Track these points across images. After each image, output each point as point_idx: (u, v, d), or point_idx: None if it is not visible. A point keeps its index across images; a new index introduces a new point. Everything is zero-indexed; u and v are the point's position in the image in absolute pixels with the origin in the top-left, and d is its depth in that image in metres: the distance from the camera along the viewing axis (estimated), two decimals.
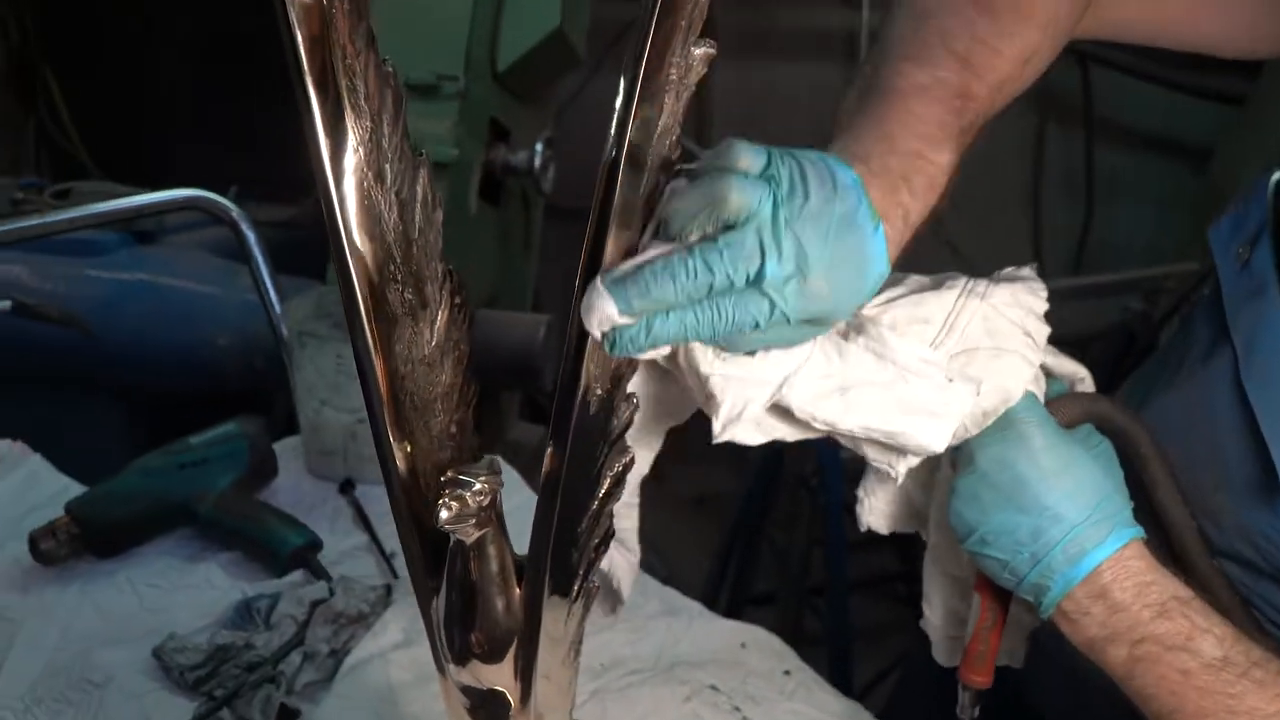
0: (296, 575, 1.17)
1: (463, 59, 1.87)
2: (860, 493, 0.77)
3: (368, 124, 0.55)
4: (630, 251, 0.58)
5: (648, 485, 0.79)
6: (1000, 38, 0.70)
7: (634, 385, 0.63)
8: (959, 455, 0.69)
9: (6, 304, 1.39)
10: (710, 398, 0.63)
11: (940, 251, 2.91)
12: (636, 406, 0.65)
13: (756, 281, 0.57)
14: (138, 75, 3.22)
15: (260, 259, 1.55)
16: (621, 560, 0.78)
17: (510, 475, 1.36)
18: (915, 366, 0.64)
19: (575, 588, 0.66)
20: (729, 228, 0.57)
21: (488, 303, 2.17)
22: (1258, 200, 0.78)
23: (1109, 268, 2.99)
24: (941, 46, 0.69)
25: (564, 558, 0.64)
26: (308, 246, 2.44)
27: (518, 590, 0.63)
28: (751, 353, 0.62)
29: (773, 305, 0.57)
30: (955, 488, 0.68)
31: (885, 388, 0.64)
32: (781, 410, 0.65)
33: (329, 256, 0.55)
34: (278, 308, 1.56)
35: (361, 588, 1.12)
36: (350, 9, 0.53)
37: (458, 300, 0.63)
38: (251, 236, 1.53)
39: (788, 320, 0.58)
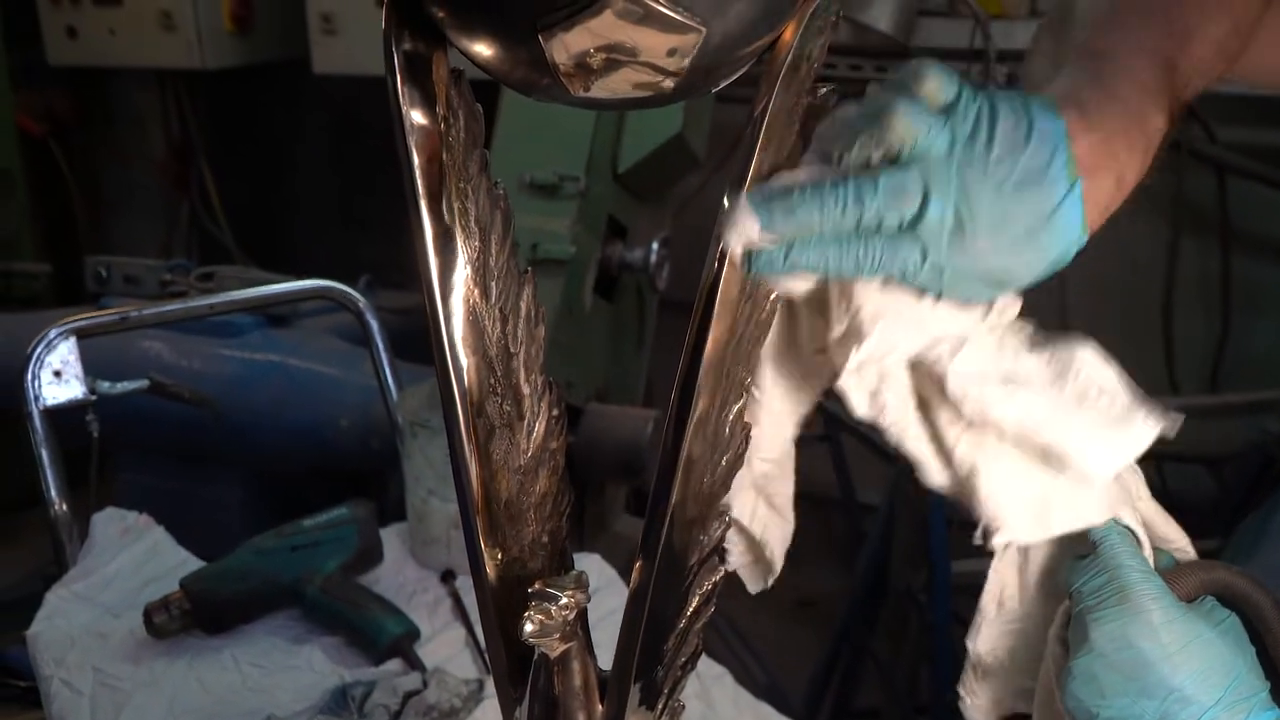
0: (393, 664, 1.18)
1: (585, 160, 1.93)
2: (961, 690, 0.71)
3: (476, 244, 0.57)
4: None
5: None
6: (1202, 17, 0.64)
7: (766, 344, 0.59)
8: (1072, 634, 0.64)
9: (144, 383, 1.47)
10: (855, 332, 0.56)
11: None
12: (729, 524, 0.65)
13: (911, 226, 0.51)
14: (282, 165, 3.43)
15: (381, 347, 1.61)
16: (775, 529, 0.72)
17: (608, 574, 1.36)
18: (1104, 388, 0.57)
19: (660, 705, 0.65)
20: (894, 161, 0.51)
21: (599, 397, 2.20)
22: None
23: (1245, 384, 2.85)
24: (1144, 16, 0.63)
25: (649, 675, 0.63)
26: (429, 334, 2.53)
27: (600, 706, 0.63)
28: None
29: (925, 255, 0.52)
30: (1071, 669, 0.61)
31: (1057, 404, 0.57)
32: (906, 387, 0.59)
33: None
34: (395, 395, 1.61)
35: (455, 681, 1.12)
36: (466, 136, 0.56)
37: (555, 412, 0.64)
38: (375, 325, 1.59)
39: (941, 274, 0.52)
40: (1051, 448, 0.57)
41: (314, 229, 3.45)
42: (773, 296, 0.60)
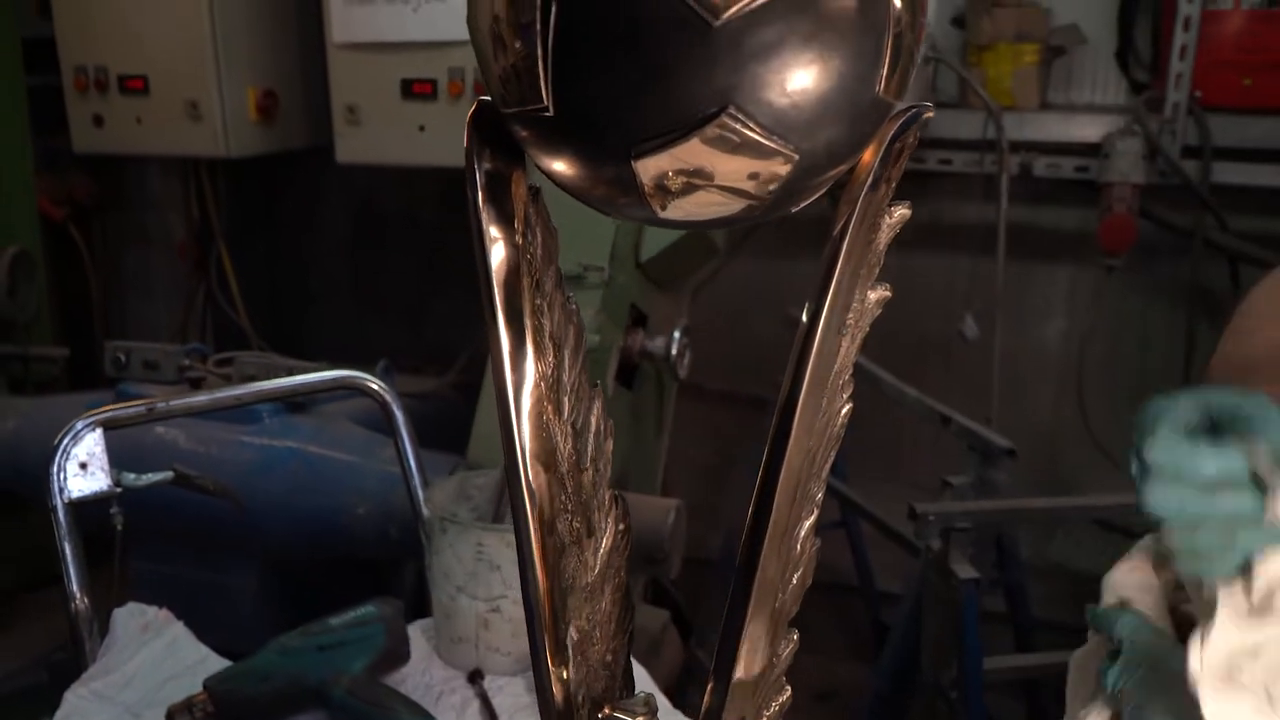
0: None
1: (608, 250, 1.94)
2: None
3: (551, 359, 0.56)
4: None
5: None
6: None
7: None
8: None
9: (169, 474, 1.46)
10: None
11: (1086, 449, 2.81)
12: (797, 646, 0.63)
13: None
14: (299, 248, 3.46)
15: (406, 438, 1.59)
16: None
17: (638, 673, 1.33)
18: None
19: None
20: None
21: (619, 484, 2.18)
22: None
23: None
24: None
25: None
26: (448, 417, 2.52)
27: None
28: None
29: None
30: None
31: None
32: None
33: (469, 430, 0.56)
34: (419, 486, 1.59)
35: None
36: (543, 253, 0.56)
37: (621, 526, 0.63)
38: (400, 417, 1.58)
39: None
40: None
41: (328, 313, 3.47)
42: (844, 412, 0.60)
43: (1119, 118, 2.68)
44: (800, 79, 0.44)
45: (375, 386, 1.58)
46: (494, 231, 0.54)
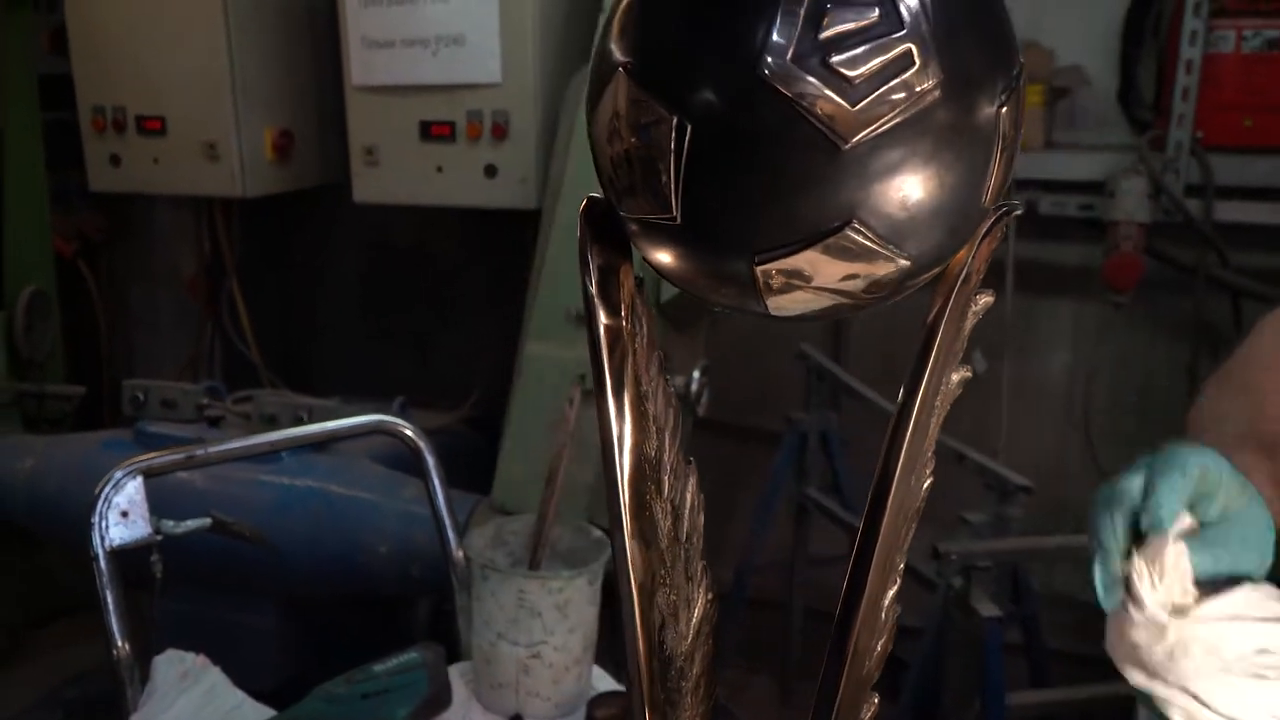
0: None
1: None
2: None
3: (654, 442, 0.59)
4: None
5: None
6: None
7: None
8: None
9: (206, 521, 1.48)
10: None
11: (1092, 480, 2.84)
12: (877, 709, 0.65)
13: None
14: (310, 284, 3.48)
15: (437, 481, 1.61)
16: None
17: None
18: None
19: None
20: None
21: None
22: None
23: None
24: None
25: None
26: (461, 453, 2.54)
27: None
28: None
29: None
30: None
31: None
32: None
33: (484, 465, 0.59)
34: (449, 527, 1.61)
35: None
36: (648, 340, 0.59)
37: (710, 596, 0.65)
38: (431, 461, 1.60)
39: None
40: None
41: (338, 347, 3.49)
42: (926, 486, 0.62)
43: (1122, 157, 2.73)
44: (918, 194, 0.46)
45: (409, 432, 1.60)
46: (605, 319, 0.57)
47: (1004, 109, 0.49)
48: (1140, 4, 2.72)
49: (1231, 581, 0.74)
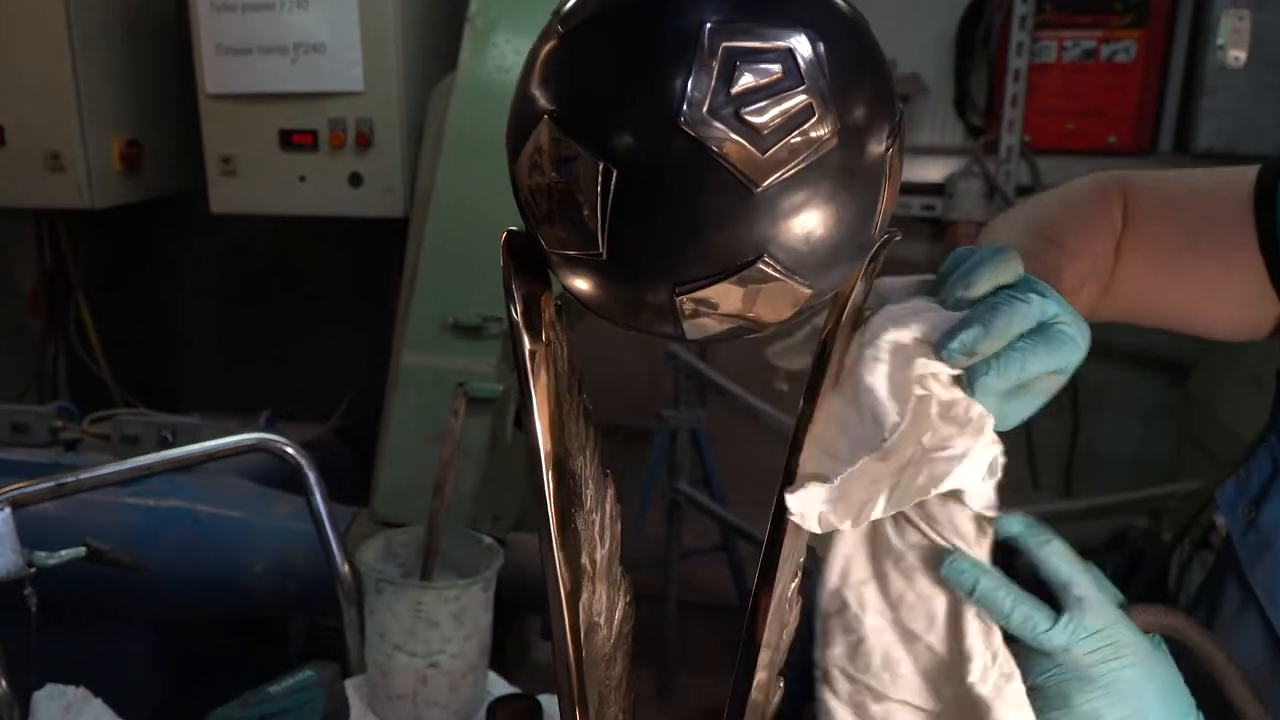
0: None
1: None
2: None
3: (577, 459, 0.63)
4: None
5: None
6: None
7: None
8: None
9: (81, 551, 1.43)
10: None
11: None
12: (783, 691, 0.71)
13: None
14: (162, 297, 3.36)
15: (320, 498, 1.60)
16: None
17: None
18: None
19: None
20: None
21: (517, 526, 2.23)
22: (1259, 467, 0.88)
23: (1095, 479, 3.11)
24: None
25: None
26: (332, 464, 2.50)
27: None
28: None
29: None
30: None
31: None
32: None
33: (356, 477, 0.61)
34: (335, 545, 1.60)
35: None
36: (569, 363, 0.63)
37: (628, 598, 0.70)
38: (312, 477, 1.59)
39: None
40: None
41: (197, 362, 3.38)
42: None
43: (959, 159, 2.91)
44: (820, 230, 0.52)
45: (290, 450, 1.59)
46: (529, 344, 0.61)
47: (890, 150, 0.55)
48: (971, 17, 2.91)
49: None
